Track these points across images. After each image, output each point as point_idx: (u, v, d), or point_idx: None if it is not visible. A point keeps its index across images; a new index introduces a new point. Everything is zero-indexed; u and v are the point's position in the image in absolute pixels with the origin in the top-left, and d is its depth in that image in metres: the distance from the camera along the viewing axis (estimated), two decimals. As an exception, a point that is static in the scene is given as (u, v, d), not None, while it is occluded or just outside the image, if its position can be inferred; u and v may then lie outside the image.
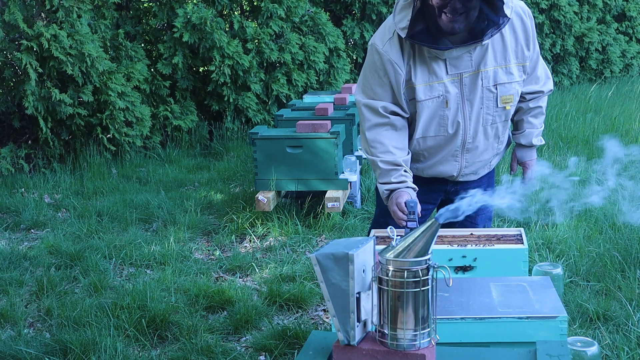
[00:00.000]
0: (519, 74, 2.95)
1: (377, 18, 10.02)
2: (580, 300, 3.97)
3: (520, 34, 2.91)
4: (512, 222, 5.45)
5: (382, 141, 2.92)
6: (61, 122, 7.35)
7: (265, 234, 5.44)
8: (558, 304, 2.21)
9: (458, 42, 2.79)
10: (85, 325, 3.89)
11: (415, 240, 1.88)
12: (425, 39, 2.78)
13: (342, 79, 9.48)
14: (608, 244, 4.71)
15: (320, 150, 5.60)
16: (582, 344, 2.22)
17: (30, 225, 5.81)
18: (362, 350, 1.90)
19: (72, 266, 4.87)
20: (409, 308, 1.85)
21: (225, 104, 8.69)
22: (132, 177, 7.24)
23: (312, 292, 4.31)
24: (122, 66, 7.88)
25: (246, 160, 7.58)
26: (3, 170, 6.93)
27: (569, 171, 2.28)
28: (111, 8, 8.17)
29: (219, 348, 3.69)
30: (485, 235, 2.91)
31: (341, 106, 6.62)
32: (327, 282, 1.89)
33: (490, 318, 2.16)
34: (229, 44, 8.34)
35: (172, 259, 4.94)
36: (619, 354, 3.40)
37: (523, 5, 2.95)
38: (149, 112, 7.94)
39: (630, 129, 8.35)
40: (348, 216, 5.77)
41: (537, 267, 2.65)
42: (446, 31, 2.75)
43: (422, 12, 2.76)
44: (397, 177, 2.90)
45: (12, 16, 6.76)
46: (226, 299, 4.26)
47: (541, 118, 3.18)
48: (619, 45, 13.83)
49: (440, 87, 2.87)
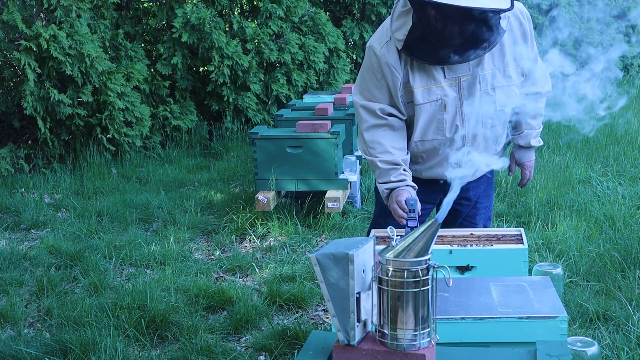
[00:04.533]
0: (517, 77, 2.95)
1: (376, 19, 10.02)
2: (580, 300, 3.97)
3: (518, 36, 2.91)
4: (512, 222, 5.46)
5: (381, 141, 2.92)
6: (61, 122, 7.35)
7: (265, 234, 5.44)
8: (558, 304, 2.21)
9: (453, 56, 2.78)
10: (85, 325, 3.89)
11: (415, 240, 1.88)
12: (421, 53, 2.79)
13: (342, 79, 9.48)
14: (608, 244, 4.71)
15: (320, 150, 5.60)
16: (582, 344, 2.22)
17: (30, 225, 5.81)
18: (362, 350, 1.90)
19: (72, 266, 4.87)
20: (409, 308, 1.85)
21: (224, 104, 8.69)
22: (132, 177, 7.24)
23: (312, 292, 4.31)
24: (122, 66, 7.88)
25: (246, 160, 7.58)
26: (3, 170, 6.92)
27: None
28: (111, 8, 8.17)
29: (219, 348, 3.69)
30: (485, 235, 2.91)
31: (341, 106, 6.62)
32: (327, 282, 1.89)
33: (490, 318, 2.16)
34: (228, 44, 8.34)
35: (172, 259, 4.94)
36: (619, 354, 3.40)
37: (521, 7, 2.95)
38: (149, 112, 7.94)
39: (629, 129, 8.35)
40: (348, 216, 5.78)
41: (537, 267, 2.65)
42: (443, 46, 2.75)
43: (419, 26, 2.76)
44: (397, 176, 2.90)
45: (10, 16, 6.76)
46: (226, 299, 4.26)
47: (539, 119, 3.18)
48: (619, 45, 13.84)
49: (438, 90, 2.87)
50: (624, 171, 6.77)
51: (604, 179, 6.48)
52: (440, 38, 2.72)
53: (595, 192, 6.10)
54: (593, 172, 6.69)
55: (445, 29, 2.68)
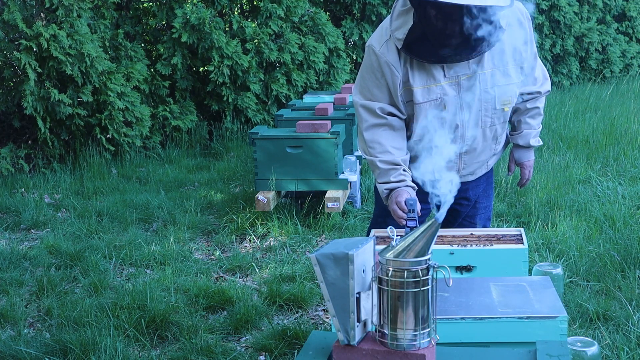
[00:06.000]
0: (517, 76, 2.95)
1: (376, 19, 10.01)
2: (580, 300, 3.97)
3: (518, 35, 2.91)
4: (512, 222, 5.46)
5: (380, 141, 2.92)
6: (61, 122, 7.34)
7: (265, 234, 5.44)
8: (558, 304, 2.21)
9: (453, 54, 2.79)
10: (85, 325, 3.89)
11: (415, 240, 1.88)
12: (421, 52, 2.79)
13: (342, 79, 9.48)
14: (608, 244, 4.71)
15: (320, 150, 5.60)
16: (582, 344, 2.22)
17: (30, 225, 5.81)
18: (362, 350, 1.90)
19: (72, 266, 4.87)
20: (409, 308, 1.85)
21: (224, 104, 8.69)
22: (132, 177, 7.24)
23: (312, 292, 4.31)
24: (122, 66, 7.87)
25: (246, 160, 7.58)
26: (3, 170, 6.92)
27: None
28: (111, 8, 8.17)
29: (219, 348, 3.69)
30: (485, 235, 2.91)
31: (341, 106, 6.62)
32: (327, 282, 1.89)
33: (490, 318, 2.16)
34: (228, 44, 8.34)
35: (172, 259, 4.94)
36: (619, 354, 3.40)
37: (520, 6, 2.95)
38: (149, 112, 7.94)
39: (629, 129, 8.35)
40: (348, 216, 5.78)
41: (537, 267, 2.65)
42: (443, 45, 2.75)
43: (419, 26, 2.76)
44: (396, 176, 2.90)
45: (11, 16, 6.76)
46: (226, 299, 4.26)
47: (539, 119, 3.18)
48: (619, 45, 13.83)
49: (438, 89, 2.87)
50: (624, 171, 6.76)
51: (604, 179, 6.48)
52: (441, 37, 2.72)
53: (595, 192, 6.09)
54: (593, 172, 6.69)
55: (446, 27, 2.69)
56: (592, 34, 13.12)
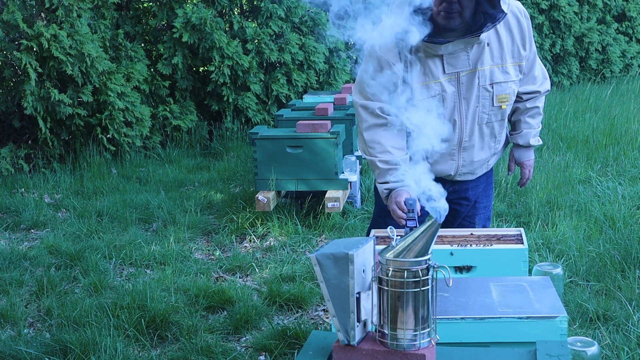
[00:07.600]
0: (515, 74, 2.96)
1: (376, 19, 10.00)
2: (580, 300, 3.97)
3: (517, 34, 2.93)
4: (512, 222, 5.46)
5: (380, 141, 2.92)
6: (61, 122, 7.35)
7: (265, 234, 5.44)
8: (558, 304, 2.21)
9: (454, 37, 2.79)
10: (85, 325, 3.89)
11: (415, 240, 1.88)
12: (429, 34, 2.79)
13: (342, 79, 9.48)
14: (608, 243, 4.71)
15: (320, 150, 5.60)
16: (582, 344, 2.22)
17: (30, 225, 5.81)
18: (362, 350, 1.90)
19: (72, 266, 4.87)
20: (409, 308, 1.85)
21: (224, 104, 8.69)
22: (132, 177, 7.24)
23: (312, 292, 4.31)
24: (122, 66, 7.88)
25: (246, 160, 7.58)
26: (3, 170, 6.92)
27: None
28: (111, 8, 8.17)
29: (219, 348, 3.69)
30: (485, 235, 2.91)
31: (341, 106, 6.62)
32: (327, 282, 1.89)
33: (490, 318, 2.16)
34: (229, 44, 8.34)
35: (172, 259, 4.94)
36: (619, 354, 3.40)
37: (519, 5, 2.96)
38: (149, 112, 7.94)
39: (629, 129, 8.35)
40: (348, 216, 5.78)
41: (537, 267, 2.65)
42: (443, 27, 2.76)
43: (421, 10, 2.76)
44: (396, 177, 2.90)
45: (11, 16, 6.75)
46: (226, 299, 4.26)
47: (538, 118, 3.19)
48: (619, 45, 13.82)
49: (436, 86, 2.88)
50: (624, 171, 6.76)
51: (604, 179, 6.48)
52: (445, 18, 2.73)
53: (595, 192, 6.09)
54: (593, 172, 6.69)
55: (450, 6, 2.70)
56: (592, 34, 13.11)
